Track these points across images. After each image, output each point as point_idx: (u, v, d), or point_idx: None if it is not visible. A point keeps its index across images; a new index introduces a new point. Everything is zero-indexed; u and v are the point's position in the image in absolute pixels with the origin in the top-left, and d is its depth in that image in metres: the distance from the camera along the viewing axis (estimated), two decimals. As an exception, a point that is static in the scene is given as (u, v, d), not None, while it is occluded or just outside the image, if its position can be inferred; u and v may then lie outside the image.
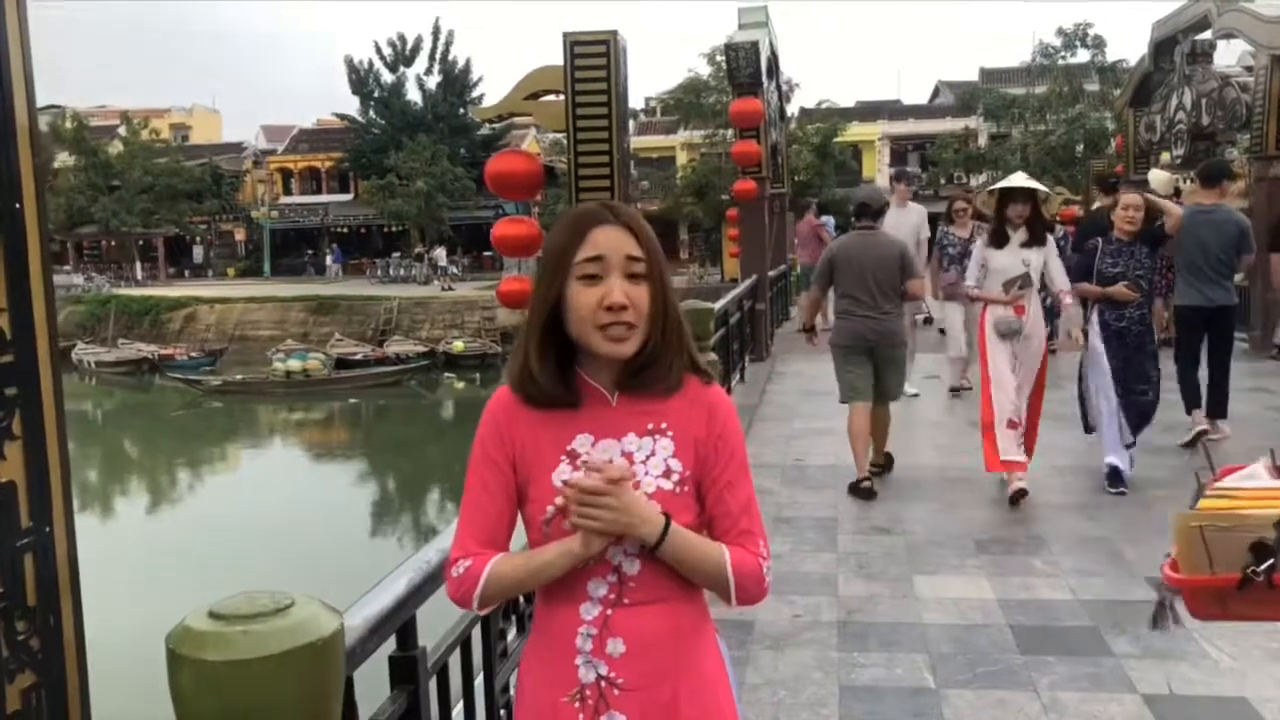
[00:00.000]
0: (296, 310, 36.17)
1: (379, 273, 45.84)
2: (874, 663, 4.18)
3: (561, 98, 7.04)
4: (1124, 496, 6.37)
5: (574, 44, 6.87)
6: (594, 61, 7.00)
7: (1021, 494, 6.18)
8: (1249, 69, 14.45)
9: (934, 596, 4.85)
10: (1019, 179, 6.64)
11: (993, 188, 6.79)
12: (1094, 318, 6.61)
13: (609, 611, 1.78)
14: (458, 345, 32.22)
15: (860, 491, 6.53)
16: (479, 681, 2.93)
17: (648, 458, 1.80)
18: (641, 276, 1.77)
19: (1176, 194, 11.82)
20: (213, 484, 21.73)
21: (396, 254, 47.78)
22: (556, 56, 7.01)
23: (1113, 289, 6.46)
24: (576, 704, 1.80)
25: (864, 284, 6.73)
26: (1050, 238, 6.63)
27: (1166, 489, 6.50)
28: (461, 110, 51.17)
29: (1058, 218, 12.59)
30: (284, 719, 1.72)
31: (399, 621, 2.34)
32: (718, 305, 8.48)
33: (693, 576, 1.78)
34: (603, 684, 1.79)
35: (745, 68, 11.44)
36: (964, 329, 9.46)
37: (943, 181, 38.59)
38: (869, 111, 49.52)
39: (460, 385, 31.60)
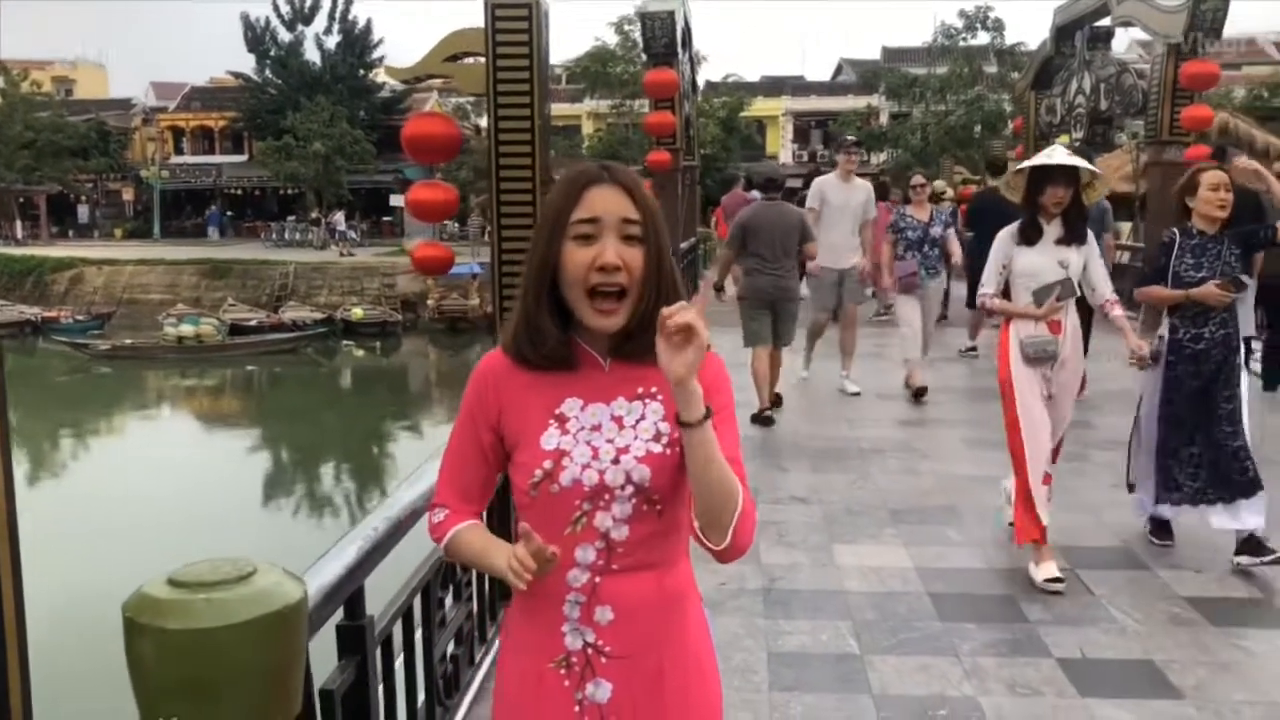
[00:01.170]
0: (188, 274, 35.07)
1: (274, 236, 44.64)
2: (800, 629, 4.25)
3: (482, 61, 6.92)
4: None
5: (495, 6, 6.75)
6: (516, 25, 6.88)
7: (1059, 580, 4.62)
8: (1141, 57, 14.91)
9: (854, 565, 4.94)
10: (1059, 154, 4.86)
11: (1023, 165, 5.05)
12: (1164, 336, 5.08)
13: (597, 579, 1.77)
14: (357, 312, 31.63)
15: (762, 420, 7.77)
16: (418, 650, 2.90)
17: (637, 421, 1.78)
18: (637, 239, 1.75)
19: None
20: (102, 454, 21.03)
21: (292, 217, 46.61)
22: (463, 20, 6.87)
23: (1200, 290, 4.83)
24: (563, 671, 1.79)
25: (770, 247, 7.96)
26: (1090, 233, 5.03)
27: (1070, 460, 6.72)
28: (361, 72, 50.03)
29: (956, 198, 12.90)
30: (248, 688, 1.68)
31: (350, 590, 2.31)
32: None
33: (705, 483, 1.66)
34: (590, 651, 1.78)
35: (660, 37, 11.40)
36: (921, 328, 8.74)
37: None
38: (773, 87, 49.84)
39: (360, 353, 31.07)
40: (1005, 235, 4.96)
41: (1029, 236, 4.89)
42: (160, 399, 26.57)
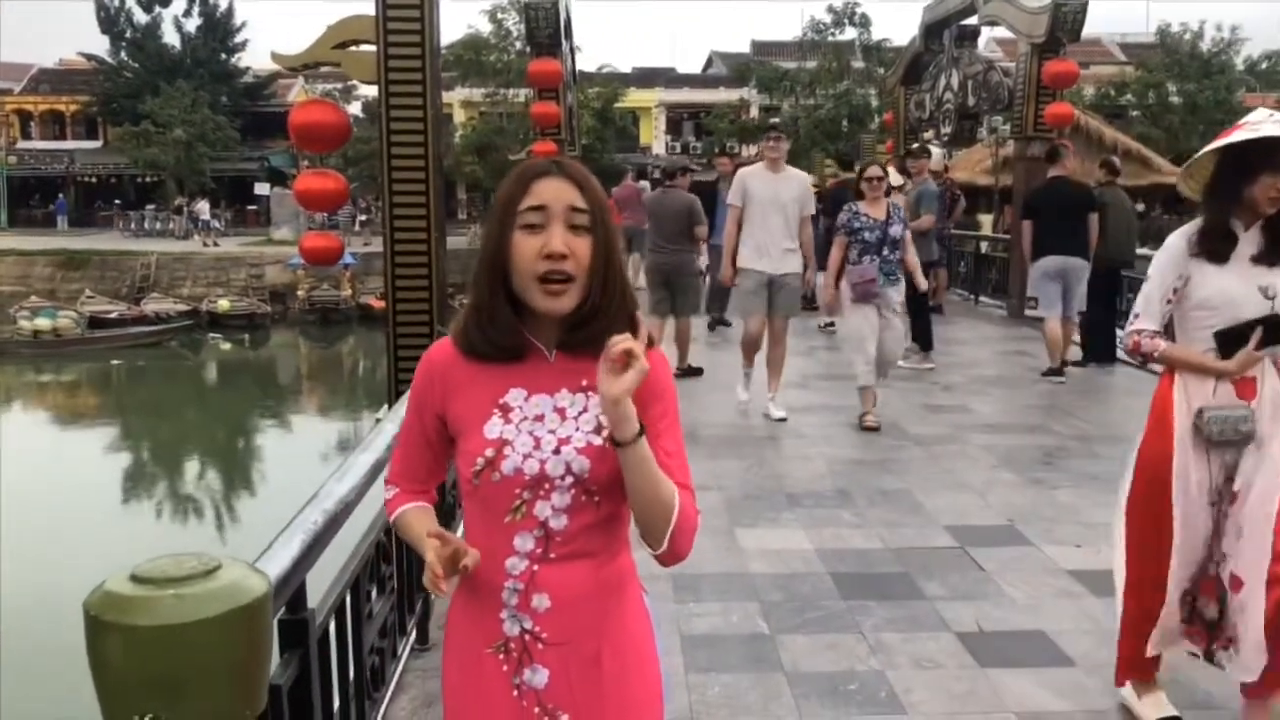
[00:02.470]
0: (41, 265, 33.47)
1: (133, 226, 42.88)
2: (710, 612, 4.34)
3: (373, 49, 6.82)
4: (913, 455, 6.80)
5: (387, -7, 6.67)
6: (407, 13, 6.81)
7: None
8: (1001, 57, 15.49)
9: (757, 548, 5.07)
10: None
11: (1224, 141, 3.18)
12: None
13: (535, 567, 1.79)
14: (223, 304, 30.66)
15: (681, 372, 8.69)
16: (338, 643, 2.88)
17: (580, 414, 1.80)
18: (584, 229, 1.77)
19: (945, 171, 12.63)
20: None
21: (152, 206, 44.87)
22: (337, 12, 6.81)
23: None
24: (501, 655, 1.82)
25: (663, 229, 9.12)
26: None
27: (952, 443, 7.00)
28: (224, 56, 48.54)
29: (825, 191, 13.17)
30: (216, 683, 1.67)
31: (295, 584, 2.29)
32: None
33: (641, 497, 1.72)
34: (527, 638, 1.81)
35: (545, 27, 11.38)
36: (875, 345, 7.38)
37: (716, 151, 39.60)
38: (645, 78, 50.09)
39: (227, 346, 30.13)
40: (1177, 246, 3.25)
41: (1218, 250, 3.18)
42: (14, 395, 25.32)
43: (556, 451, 1.77)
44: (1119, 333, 10.35)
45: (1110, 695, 3.63)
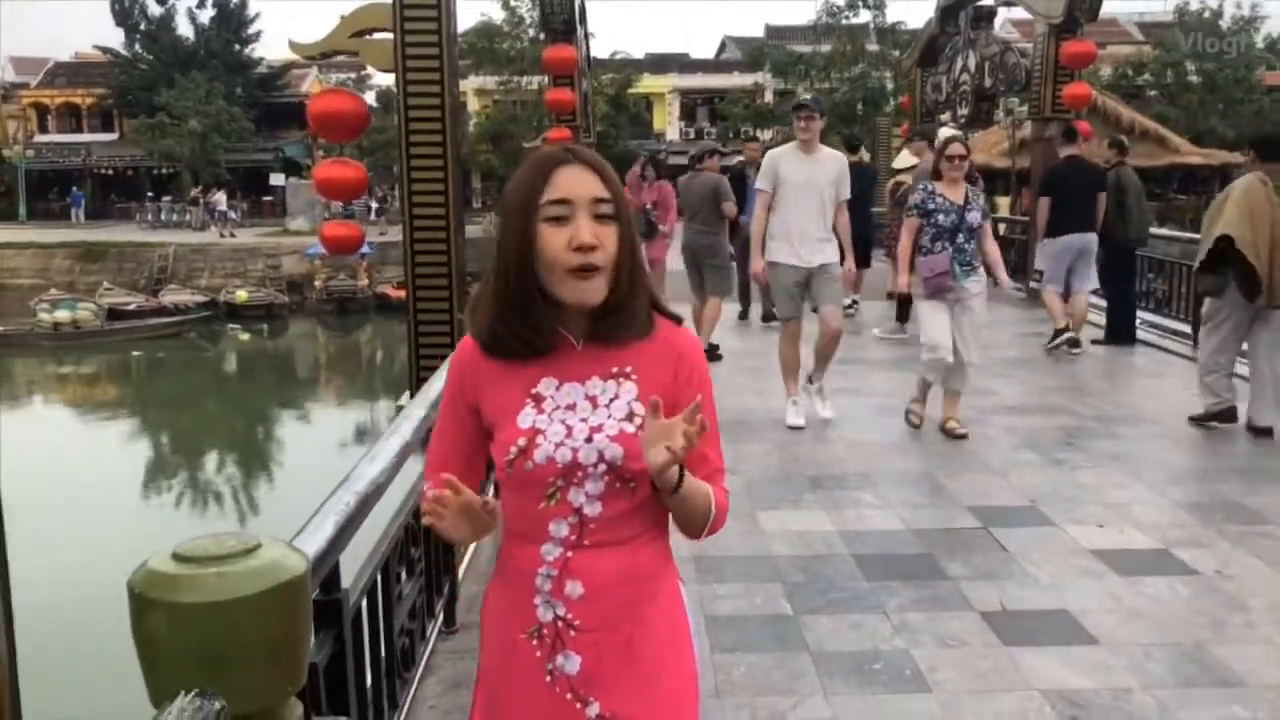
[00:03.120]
0: (60, 257, 33.69)
1: (150, 217, 43.10)
2: (733, 594, 4.36)
3: (390, 37, 6.84)
4: (936, 438, 6.78)
5: (403, -19, 6.68)
6: (425, 0, 6.82)
7: None
8: (1021, 37, 15.39)
9: (779, 530, 5.09)
10: None
11: None
12: None
13: (569, 554, 1.80)
14: (241, 295, 30.82)
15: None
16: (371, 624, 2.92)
17: (611, 401, 1.81)
18: (609, 218, 1.77)
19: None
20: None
21: (168, 198, 45.08)
22: (351, 2, 6.84)
23: None
24: (534, 641, 1.83)
25: (692, 210, 9.49)
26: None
27: (973, 425, 7.00)
28: (237, 47, 48.65)
29: None
30: (258, 659, 1.70)
31: (330, 564, 2.32)
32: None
33: (687, 512, 1.83)
34: (560, 624, 1.81)
35: (560, 13, 11.38)
36: (951, 346, 6.59)
37: (732, 136, 39.51)
38: (659, 64, 50.00)
39: (245, 337, 30.30)
40: None
41: None
42: (38, 387, 25.53)
43: (589, 439, 1.78)
44: (1139, 313, 10.36)
45: (1135, 673, 3.65)
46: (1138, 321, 10.31)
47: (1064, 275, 9.57)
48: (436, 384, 3.73)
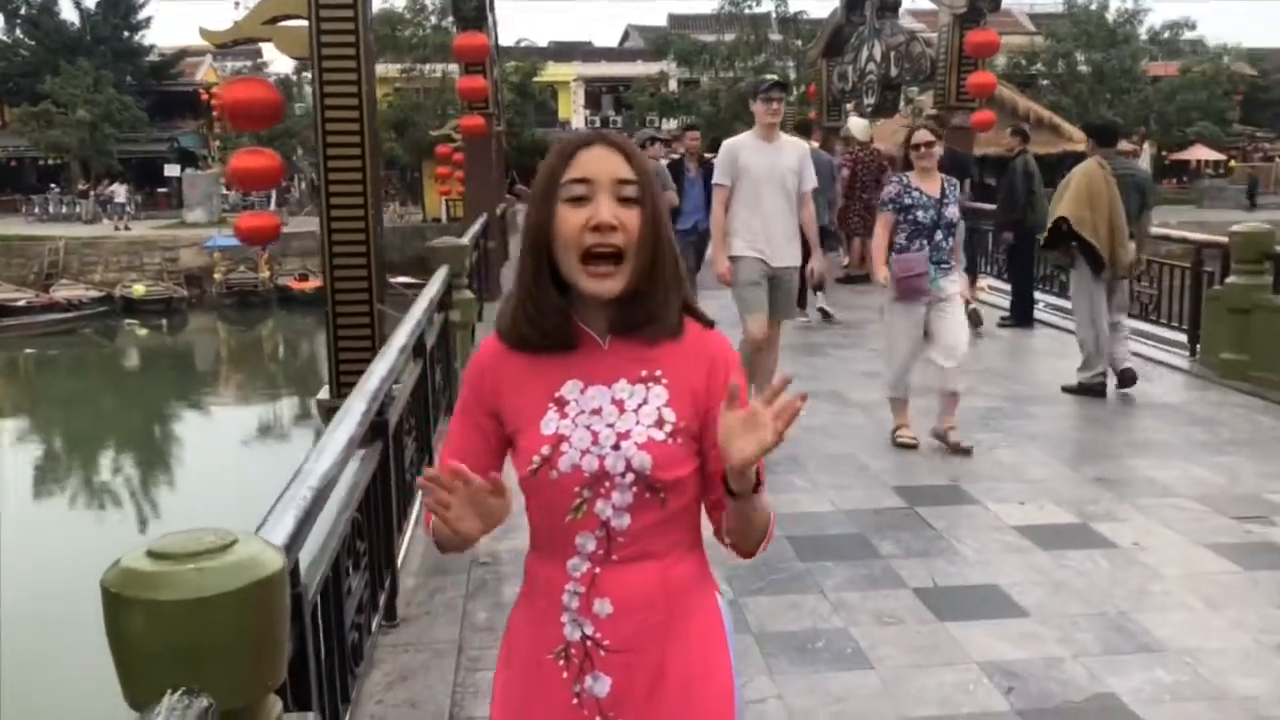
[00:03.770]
0: (-60, 252, 32.30)
1: (37, 210, 41.46)
2: (673, 579, 4.39)
3: (304, 24, 6.71)
4: (856, 421, 6.92)
5: (317, -34, 6.56)
6: (339, -14, 6.71)
7: None
8: (925, 28, 15.70)
9: (712, 515, 5.13)
10: None
11: None
12: None
13: (597, 569, 1.70)
14: (138, 289, 29.91)
15: None
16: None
17: (639, 405, 1.70)
18: (633, 200, 1.67)
19: (871, 141, 12.80)
20: None
21: (56, 189, 43.45)
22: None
23: None
24: (561, 662, 1.73)
25: None
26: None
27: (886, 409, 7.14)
28: (126, 33, 47.09)
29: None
30: (239, 656, 1.68)
31: (292, 560, 2.29)
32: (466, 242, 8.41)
33: (753, 522, 1.69)
34: (588, 644, 1.71)
35: (470, 1, 11.27)
36: (910, 353, 6.19)
37: (638, 125, 39.57)
38: (562, 52, 49.74)
39: (143, 333, 29.43)
40: None
41: None
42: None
43: (616, 447, 1.67)
44: (1037, 295, 10.70)
45: (1065, 643, 3.78)
46: (1038, 304, 10.66)
47: None
48: (375, 376, 3.69)
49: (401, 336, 4.42)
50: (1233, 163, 44.45)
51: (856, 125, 12.24)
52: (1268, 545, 4.70)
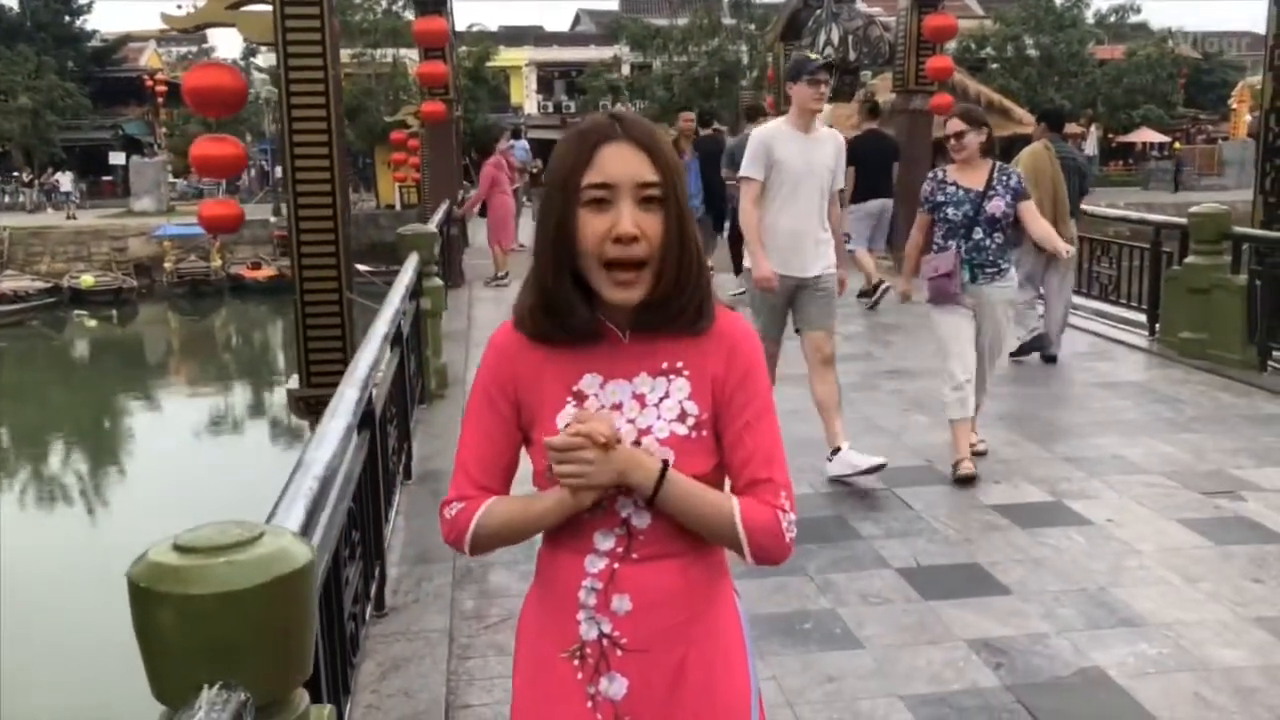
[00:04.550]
0: (-122, 243, 31.45)
1: (-23, 200, 40.60)
2: (658, 564, 4.41)
3: (268, 7, 6.62)
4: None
5: (281, -49, 6.47)
6: (304, -30, 6.63)
7: None
8: (882, 11, 15.79)
9: (692, 499, 5.15)
10: None
11: None
12: None
13: (616, 565, 1.67)
14: (87, 280, 29.33)
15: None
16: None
17: (661, 399, 1.67)
18: (656, 201, 1.61)
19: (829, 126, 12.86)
20: None
21: (-2, 178, 42.53)
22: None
23: None
24: (575, 661, 1.70)
25: None
26: None
27: (862, 390, 7.21)
28: (67, 18, 46.10)
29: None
30: (271, 649, 1.67)
31: (306, 550, 2.26)
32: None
33: (700, 530, 1.65)
34: (605, 642, 1.68)
35: (429, -15, 11.17)
36: (966, 363, 5.45)
37: (591, 110, 39.46)
38: (514, 37, 49.44)
39: (93, 324, 28.90)
40: None
41: None
42: None
43: (637, 443, 1.64)
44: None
45: (1048, 619, 3.85)
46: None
47: (867, 235, 10.73)
48: (363, 363, 3.66)
49: (383, 324, 4.39)
50: (1177, 145, 45.15)
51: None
52: (1237, 519, 4.81)
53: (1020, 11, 41.40)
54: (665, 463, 1.62)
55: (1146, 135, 43.98)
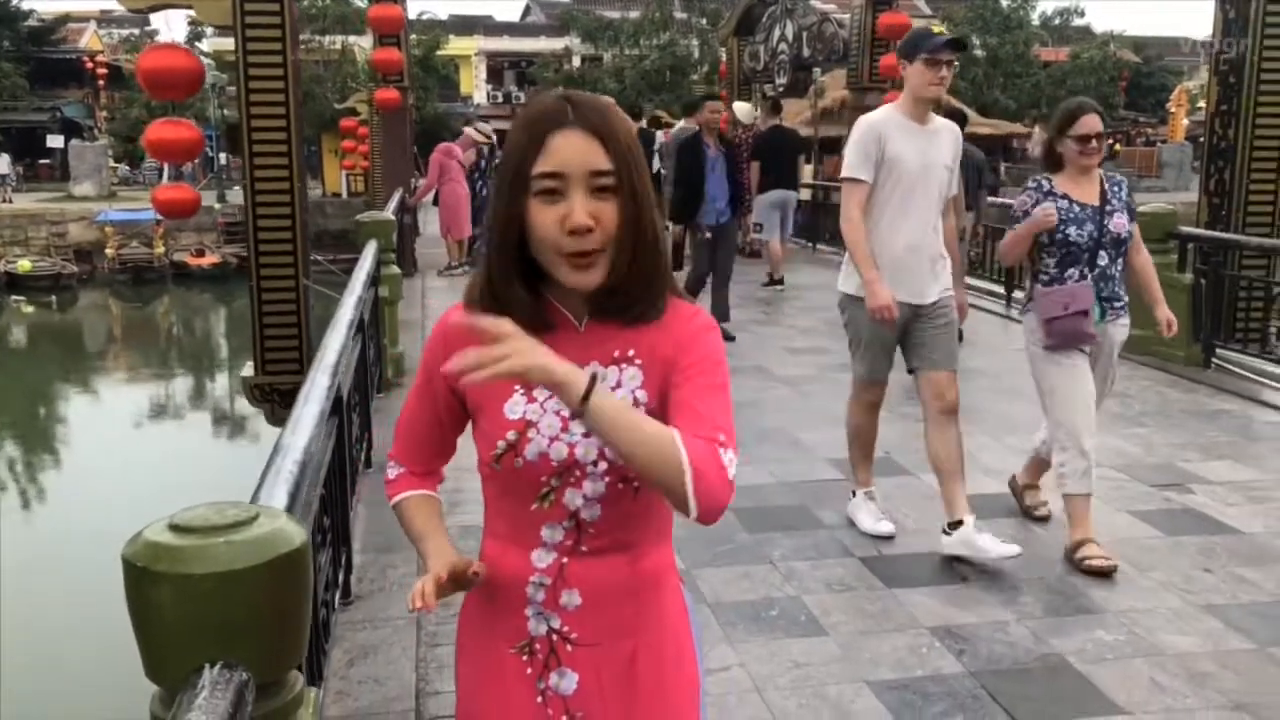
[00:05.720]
0: None
1: (-91, 182, 39.46)
2: (623, 552, 4.44)
3: (227, -10, 6.53)
4: (783, 395, 7.04)
5: (240, -68, 6.39)
6: (264, -47, 6.55)
7: None
8: (837, 9, 15.90)
9: (655, 489, 5.19)
10: None
11: None
12: None
13: (565, 560, 1.63)
14: (24, 265, 28.67)
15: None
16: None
17: (613, 389, 1.61)
18: (609, 190, 1.54)
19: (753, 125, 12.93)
20: None
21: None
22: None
23: None
24: (525, 657, 1.67)
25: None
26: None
27: (817, 382, 7.29)
28: (1, -2, 45.03)
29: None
30: (268, 630, 1.67)
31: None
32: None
33: (637, 457, 1.46)
34: (554, 638, 1.65)
35: (385, -29, 11.06)
36: (1090, 427, 4.42)
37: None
38: (463, 26, 49.11)
39: (30, 310, 28.24)
40: None
41: None
42: None
43: (587, 434, 1.57)
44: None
45: (1008, 607, 3.93)
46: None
47: (777, 225, 11.44)
48: (332, 350, 3.64)
49: (349, 310, 4.36)
50: (1118, 147, 46.03)
51: (741, 108, 12.54)
52: (1185, 511, 4.94)
53: (967, 12, 41.93)
54: (594, 375, 1.46)
55: (1089, 137, 44.68)
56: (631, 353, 1.62)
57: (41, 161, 42.74)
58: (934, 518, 4.79)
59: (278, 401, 6.94)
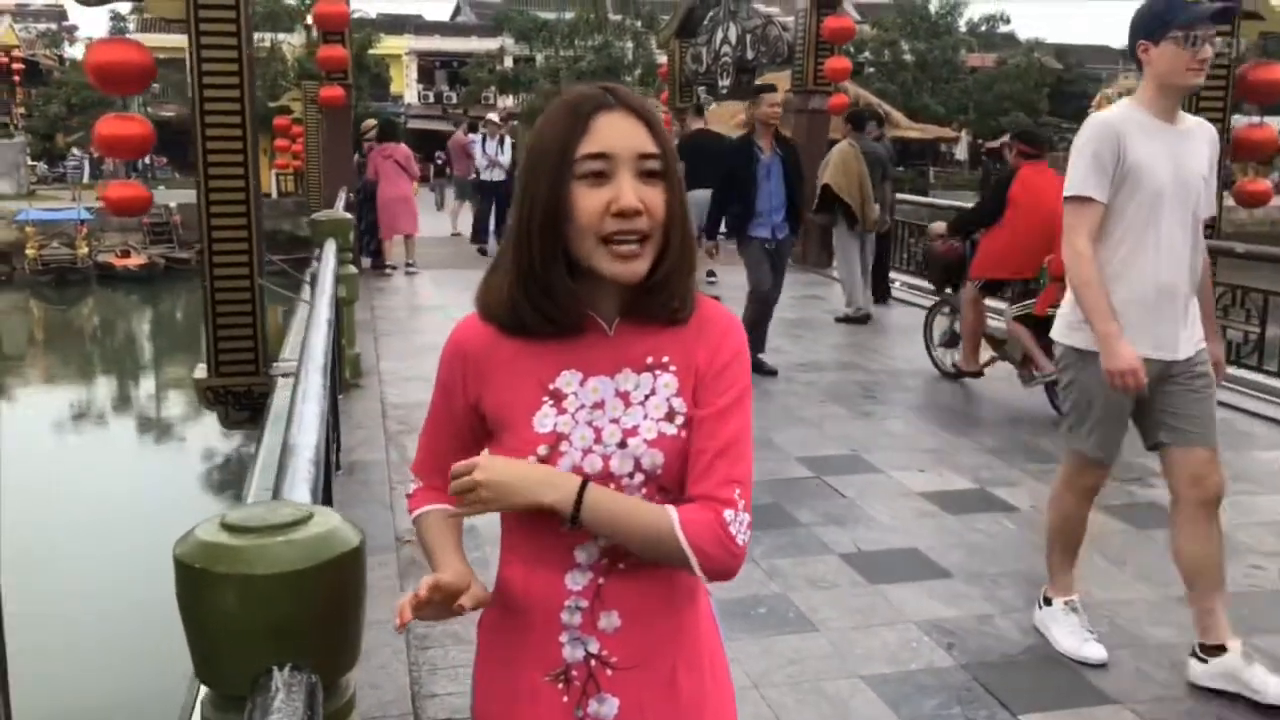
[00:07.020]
0: None
1: None
2: (605, 552, 4.42)
3: (180, -17, 6.39)
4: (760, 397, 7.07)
5: (194, -76, 6.26)
6: (218, -54, 6.42)
7: None
8: (780, 11, 16.02)
9: (629, 489, 5.17)
10: None
11: None
12: None
13: (601, 580, 1.54)
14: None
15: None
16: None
17: (647, 397, 1.54)
18: (657, 175, 1.49)
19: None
20: None
21: None
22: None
23: None
24: (560, 685, 1.57)
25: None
26: None
27: (779, 382, 7.33)
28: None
29: None
30: (329, 631, 1.62)
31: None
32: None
33: (639, 548, 1.49)
34: (593, 663, 1.56)
35: (330, -33, 10.91)
36: None
37: (476, 102, 39.10)
38: (393, 25, 48.52)
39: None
40: None
41: None
42: None
43: (622, 445, 1.51)
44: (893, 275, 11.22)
45: (991, 601, 3.98)
46: (894, 283, 11.13)
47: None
48: (318, 349, 3.56)
49: (325, 308, 4.27)
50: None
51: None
52: (1150, 504, 5.04)
53: (897, 18, 42.55)
54: (584, 480, 1.47)
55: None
56: (666, 359, 1.55)
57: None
58: (909, 515, 4.87)
59: (232, 404, 6.80)
